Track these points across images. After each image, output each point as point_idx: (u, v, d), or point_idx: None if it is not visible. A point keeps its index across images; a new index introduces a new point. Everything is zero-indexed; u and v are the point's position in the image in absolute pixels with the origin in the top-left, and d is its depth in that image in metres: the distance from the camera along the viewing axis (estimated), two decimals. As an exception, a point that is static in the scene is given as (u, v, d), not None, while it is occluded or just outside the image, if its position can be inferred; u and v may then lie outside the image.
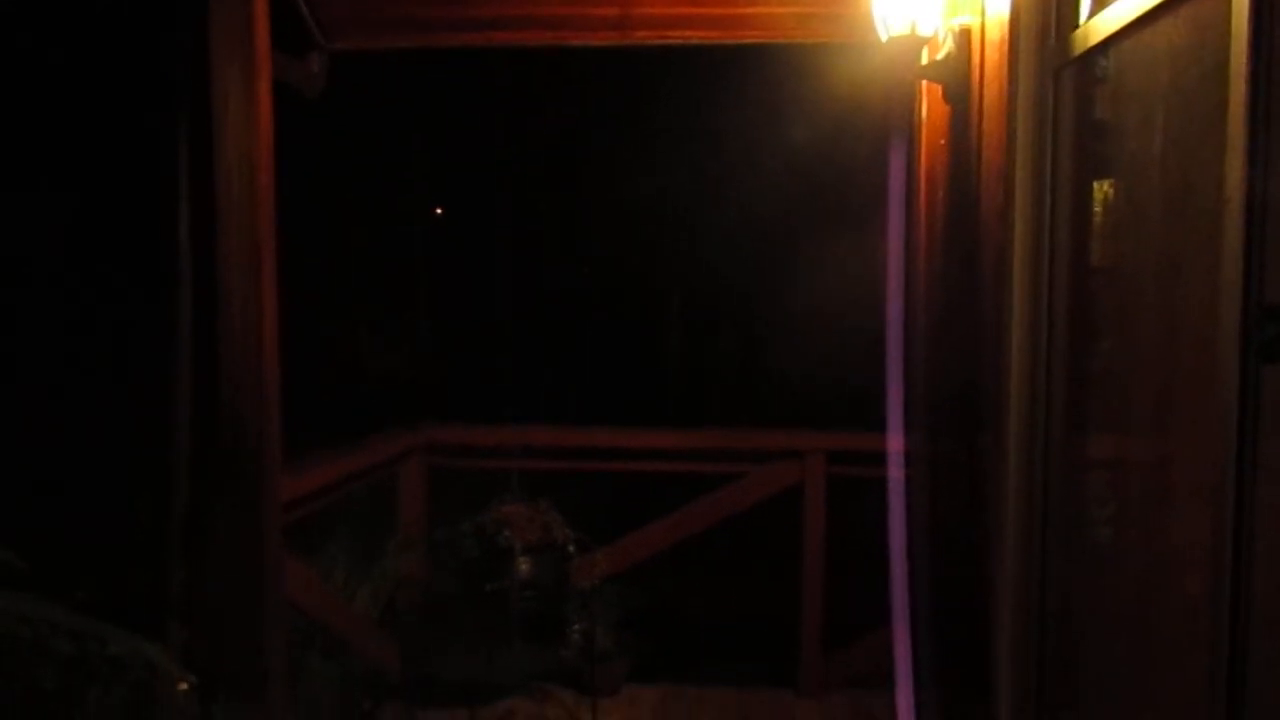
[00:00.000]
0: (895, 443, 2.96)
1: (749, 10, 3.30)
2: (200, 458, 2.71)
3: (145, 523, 2.71)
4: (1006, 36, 2.08)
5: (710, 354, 7.48)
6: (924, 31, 2.47)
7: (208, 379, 2.73)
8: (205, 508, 2.71)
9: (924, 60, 2.62)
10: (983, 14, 2.29)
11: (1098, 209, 1.91)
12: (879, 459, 3.07)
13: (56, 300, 3.09)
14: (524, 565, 3.63)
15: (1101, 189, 1.90)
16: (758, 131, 6.14)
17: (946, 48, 2.45)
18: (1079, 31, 1.86)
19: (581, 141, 6.87)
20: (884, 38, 2.51)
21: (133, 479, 2.81)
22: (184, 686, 2.33)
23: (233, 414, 2.74)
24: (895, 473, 2.97)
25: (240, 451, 2.73)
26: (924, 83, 2.76)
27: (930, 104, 2.73)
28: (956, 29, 2.42)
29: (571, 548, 3.74)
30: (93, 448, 2.93)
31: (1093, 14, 1.81)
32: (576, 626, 3.95)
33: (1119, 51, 1.79)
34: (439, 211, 7.80)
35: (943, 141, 2.62)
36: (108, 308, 3.08)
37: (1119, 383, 1.80)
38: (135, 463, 2.82)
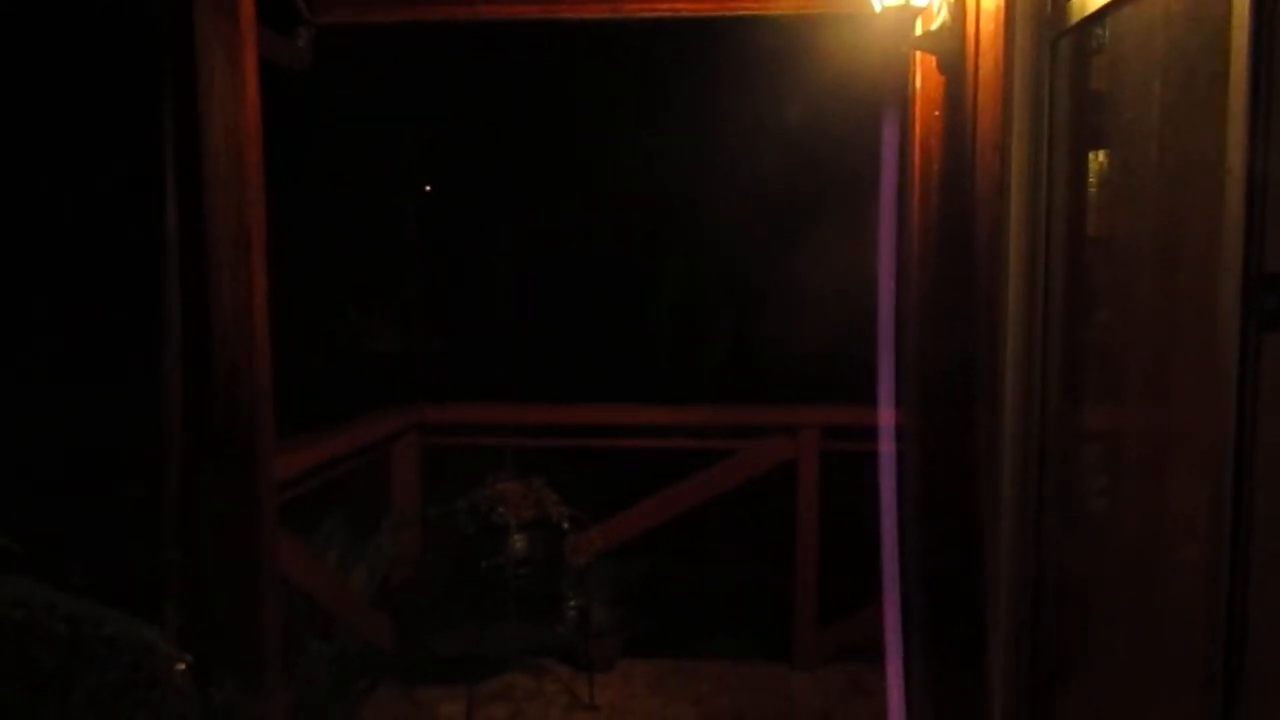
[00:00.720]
0: (888, 417, 2.96)
1: (740, -18, 3.28)
2: (193, 438, 2.69)
3: (139, 504, 2.69)
4: (1002, 5, 2.06)
5: (703, 330, 7.48)
6: (918, 2, 2.45)
7: (199, 358, 2.71)
8: (199, 488, 2.70)
9: (918, 31, 2.60)
10: (978, -17, 2.26)
11: (1095, 180, 1.90)
12: (873, 434, 3.07)
13: (42, 281, 3.06)
14: (519, 542, 3.64)
15: (1099, 160, 1.89)
16: (749, 106, 6.11)
17: (941, 18, 2.43)
18: (1075, 0, 1.84)
19: (573, 118, 6.83)
20: (878, 8, 2.49)
21: (125, 460, 2.80)
22: (181, 667, 2.33)
23: (225, 393, 2.72)
24: (887, 447, 2.97)
25: (233, 431, 2.72)
26: (918, 54, 2.74)
27: (924, 75, 2.71)
28: (951, -1, 2.40)
29: (566, 524, 3.75)
30: (85, 430, 2.91)
31: (1090, -18, 1.79)
32: (572, 603, 3.96)
33: (1116, 20, 1.77)
34: (428, 189, 7.75)
35: (937, 113, 2.60)
36: (95, 288, 3.06)
37: (1117, 354, 1.80)
38: (127, 444, 2.81)
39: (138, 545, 2.71)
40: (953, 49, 2.40)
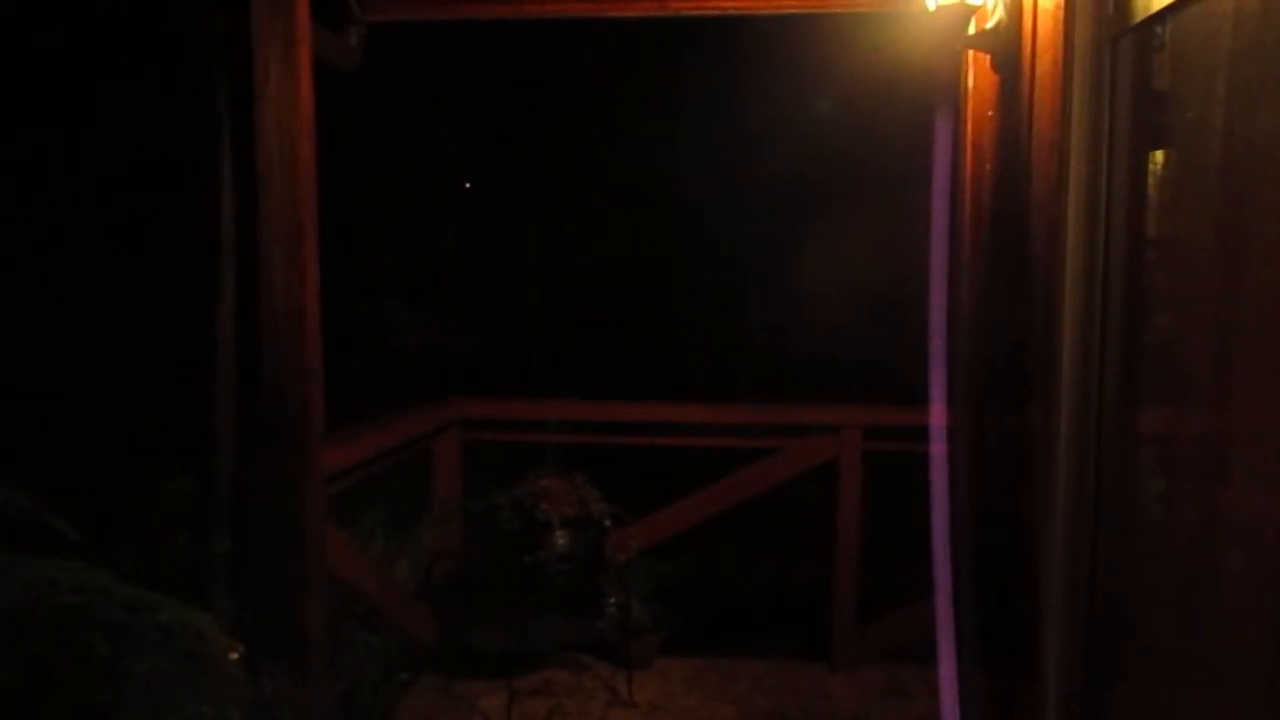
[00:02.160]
0: (936, 417, 2.94)
1: (789, -21, 3.27)
2: (244, 430, 2.73)
3: (191, 495, 2.74)
4: (1061, 4, 2.04)
5: (739, 329, 7.46)
6: (973, 0, 2.43)
7: (250, 350, 2.75)
8: (250, 480, 2.74)
9: (971, 29, 2.58)
10: (1035, -19, 2.24)
11: (1158, 181, 1.87)
12: (915, 434, 3.05)
13: (100, 271, 3.11)
14: (560, 539, 3.65)
15: (1162, 160, 1.87)
16: (794, 105, 6.08)
17: (997, 16, 2.41)
18: (1140, -2, 1.81)
19: (615, 116, 6.84)
20: (931, 6, 2.47)
21: (179, 451, 2.84)
22: (234, 656, 2.36)
23: (276, 385, 2.76)
24: (937, 448, 2.95)
25: (284, 424, 2.76)
26: (971, 52, 2.72)
27: (978, 74, 2.69)
28: (1007, -3, 2.37)
29: (607, 521, 3.75)
30: (138, 421, 2.96)
31: (1155, -21, 1.77)
32: (612, 599, 3.98)
33: (1180, 18, 1.74)
34: (467, 186, 7.80)
35: (991, 113, 2.57)
36: (150, 280, 3.11)
37: (1178, 356, 1.77)
38: (181, 435, 2.85)
39: (189, 535, 2.75)
40: (1008, 48, 2.38)
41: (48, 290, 2.99)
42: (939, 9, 2.44)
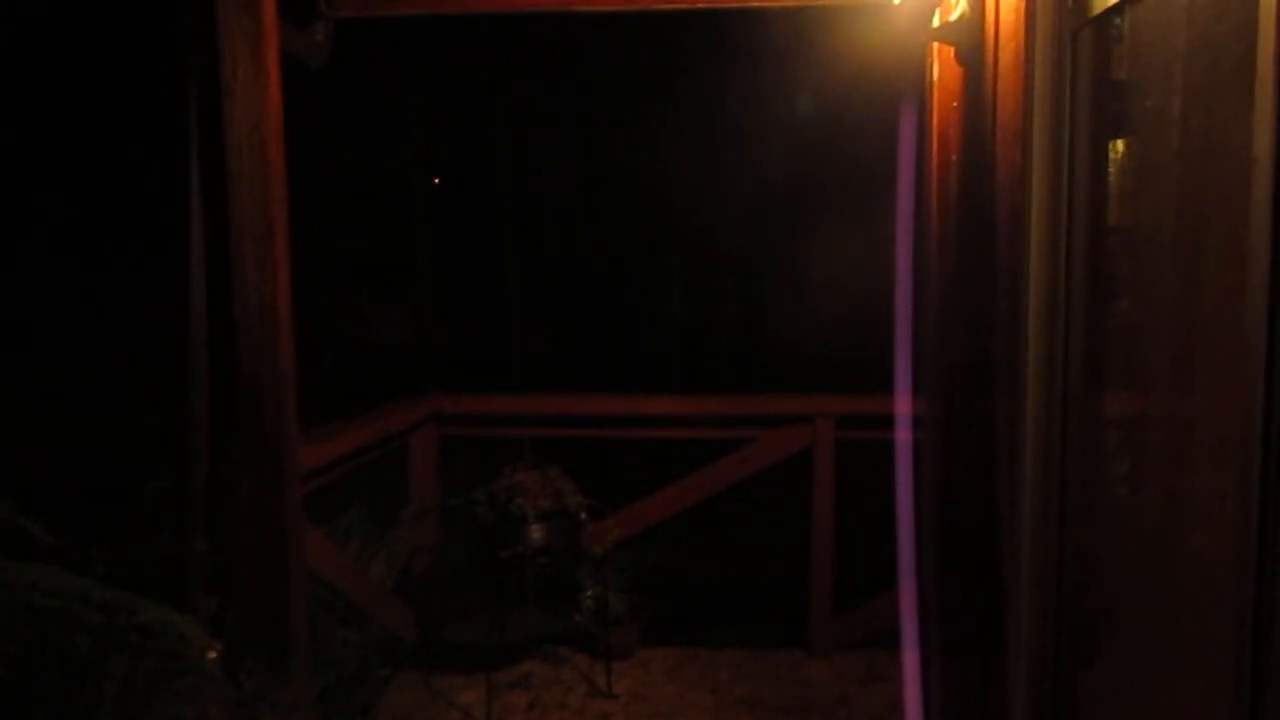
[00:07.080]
0: (904, 405, 2.98)
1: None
2: (219, 428, 2.73)
3: (169, 494, 2.73)
4: (1022, -3, 2.07)
5: (715, 321, 7.49)
6: (937, -7, 2.47)
7: (224, 349, 2.75)
8: (226, 478, 2.74)
9: (936, 22, 2.61)
10: (997, -26, 2.28)
11: (1116, 168, 1.92)
12: (889, 422, 3.09)
13: (70, 274, 3.09)
14: (537, 532, 3.67)
15: (1121, 150, 1.91)
16: (765, 98, 6.12)
17: (960, 9, 2.44)
18: (1098, -9, 1.85)
19: (587, 108, 6.84)
20: (896, 0, 2.51)
21: (154, 452, 2.83)
22: (213, 655, 2.37)
23: (250, 382, 2.76)
24: (904, 435, 2.99)
25: (259, 421, 2.76)
26: (936, 45, 2.75)
27: (942, 66, 2.73)
28: (970, -10, 2.41)
29: (584, 514, 3.77)
30: (115, 423, 2.95)
31: (1112, -28, 1.80)
32: (590, 591, 4.00)
33: (1139, 10, 1.78)
34: (436, 181, 7.77)
35: (955, 104, 2.61)
36: (122, 282, 3.09)
37: (1140, 341, 1.82)
38: (156, 436, 2.85)
39: (166, 535, 2.75)
40: (972, 40, 2.41)
41: (14, 290, 2.97)
42: (904, 2, 2.48)
